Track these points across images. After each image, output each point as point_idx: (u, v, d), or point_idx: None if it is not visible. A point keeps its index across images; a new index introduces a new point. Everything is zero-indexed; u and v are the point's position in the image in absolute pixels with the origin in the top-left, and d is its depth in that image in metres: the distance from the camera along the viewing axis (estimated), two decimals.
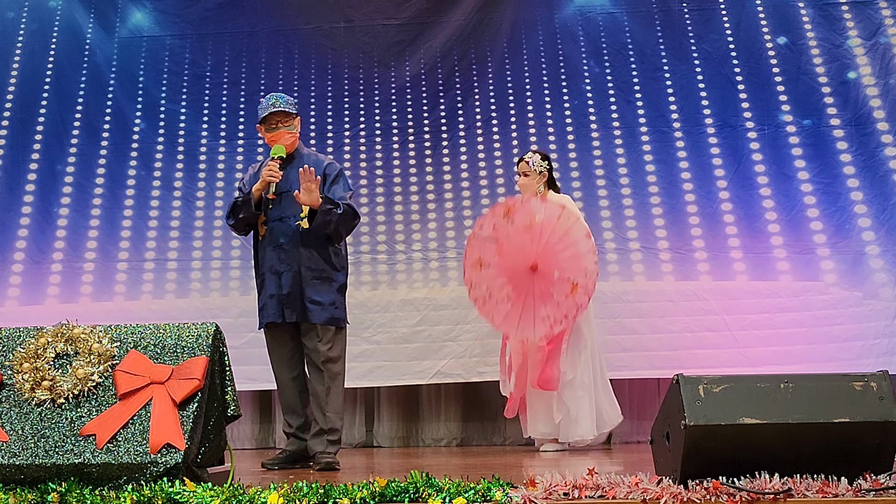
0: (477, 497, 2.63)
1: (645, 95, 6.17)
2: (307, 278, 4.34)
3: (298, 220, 4.35)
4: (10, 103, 6.38)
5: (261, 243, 4.48)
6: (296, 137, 4.52)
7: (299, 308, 4.35)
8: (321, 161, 4.50)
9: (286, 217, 4.38)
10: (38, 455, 2.96)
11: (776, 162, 5.99)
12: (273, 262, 4.40)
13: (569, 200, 5.27)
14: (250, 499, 2.69)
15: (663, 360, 5.64)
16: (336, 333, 4.41)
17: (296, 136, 4.51)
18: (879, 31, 6.07)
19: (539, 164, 5.30)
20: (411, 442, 5.95)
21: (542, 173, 5.31)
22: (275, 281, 4.38)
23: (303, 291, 4.34)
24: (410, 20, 6.23)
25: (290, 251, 4.36)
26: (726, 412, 2.72)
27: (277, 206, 4.40)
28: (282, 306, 4.37)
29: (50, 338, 3.14)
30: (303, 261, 4.35)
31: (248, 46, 6.44)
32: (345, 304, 4.50)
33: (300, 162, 4.42)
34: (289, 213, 4.38)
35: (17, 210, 6.18)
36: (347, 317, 4.54)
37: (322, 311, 4.35)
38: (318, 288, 4.35)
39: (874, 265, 5.75)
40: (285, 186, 4.40)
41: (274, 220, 4.41)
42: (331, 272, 4.40)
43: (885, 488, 2.59)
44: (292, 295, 4.34)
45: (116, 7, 6.49)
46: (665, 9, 6.27)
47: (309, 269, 4.35)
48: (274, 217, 4.40)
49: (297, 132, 4.54)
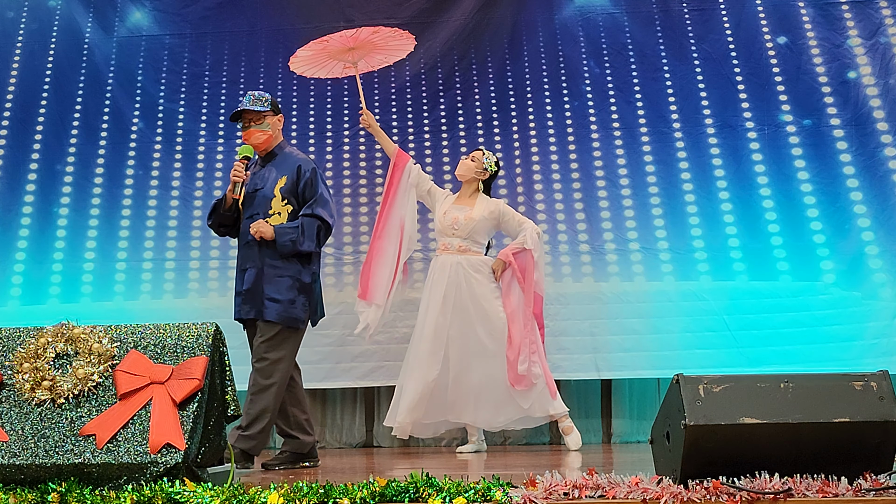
0: (477, 497, 2.63)
1: (645, 96, 6.17)
2: (269, 276, 4.32)
3: (267, 217, 4.36)
4: (10, 103, 6.38)
5: (238, 243, 4.53)
6: (270, 136, 4.49)
7: (258, 305, 4.32)
8: (296, 160, 4.47)
9: (255, 215, 4.39)
10: (38, 455, 2.96)
11: (776, 162, 5.99)
12: (241, 260, 4.43)
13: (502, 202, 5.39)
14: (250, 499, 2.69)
15: (663, 360, 5.64)
16: (282, 334, 4.33)
17: (269, 134, 4.48)
18: (879, 31, 6.07)
19: (489, 163, 5.35)
20: (411, 442, 5.95)
21: (486, 171, 5.36)
22: (241, 278, 4.40)
23: (263, 289, 4.32)
24: (410, 20, 6.22)
25: (255, 248, 4.35)
26: (726, 412, 2.72)
27: (250, 206, 4.41)
28: (242, 302, 4.37)
29: (50, 338, 3.14)
30: (266, 258, 4.33)
31: (248, 46, 6.44)
32: (310, 305, 4.42)
33: (280, 161, 4.44)
34: (258, 210, 4.38)
35: (18, 210, 6.18)
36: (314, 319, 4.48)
37: (276, 307, 4.30)
38: (278, 285, 4.32)
39: (874, 265, 5.75)
40: (260, 184, 4.41)
41: (245, 218, 4.43)
42: (294, 271, 4.36)
43: (885, 488, 2.59)
44: (252, 291, 4.33)
45: (115, 6, 6.48)
46: (665, 9, 6.27)
47: (271, 267, 4.33)
48: (245, 216, 4.43)
49: (273, 130, 4.50)
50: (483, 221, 5.28)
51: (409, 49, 5.61)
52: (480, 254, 5.34)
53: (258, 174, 4.49)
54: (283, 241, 4.30)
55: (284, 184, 4.40)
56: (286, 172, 4.42)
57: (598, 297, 5.84)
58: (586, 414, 5.91)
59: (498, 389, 5.17)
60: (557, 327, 5.70)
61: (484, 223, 5.29)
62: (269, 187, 4.40)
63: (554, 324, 5.67)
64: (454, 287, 5.22)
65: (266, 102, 4.48)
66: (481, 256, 5.33)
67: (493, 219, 5.30)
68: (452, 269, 5.24)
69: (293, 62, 5.47)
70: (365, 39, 5.34)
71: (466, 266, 5.25)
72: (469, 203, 5.34)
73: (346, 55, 5.42)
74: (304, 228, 4.33)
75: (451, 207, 5.33)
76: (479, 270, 5.26)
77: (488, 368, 5.18)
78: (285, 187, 4.39)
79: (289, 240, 4.30)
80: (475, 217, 5.27)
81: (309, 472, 4.14)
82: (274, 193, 4.39)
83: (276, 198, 4.39)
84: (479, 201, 5.34)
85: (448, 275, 5.24)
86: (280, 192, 4.39)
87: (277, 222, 4.34)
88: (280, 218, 4.36)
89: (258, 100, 4.46)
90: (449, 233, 5.29)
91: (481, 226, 5.28)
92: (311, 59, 5.45)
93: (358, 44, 5.34)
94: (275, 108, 4.53)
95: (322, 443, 6.03)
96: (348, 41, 5.32)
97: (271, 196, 4.39)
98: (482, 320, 5.20)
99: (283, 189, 4.39)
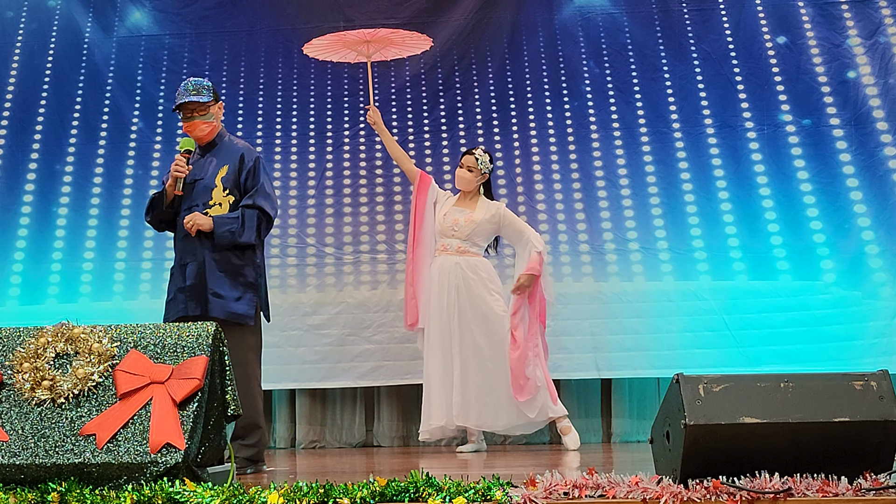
0: (477, 497, 2.62)
1: (644, 96, 6.17)
2: (211, 269, 4.15)
3: (207, 208, 4.20)
4: (9, 103, 6.37)
5: (175, 237, 4.33)
6: (214, 126, 4.32)
7: (203, 301, 4.16)
8: (238, 149, 4.31)
9: (194, 206, 4.21)
10: (38, 455, 2.96)
11: (776, 162, 5.99)
12: (182, 254, 4.24)
13: (503, 206, 5.38)
14: (250, 499, 2.69)
15: (663, 360, 5.64)
16: (233, 333, 3.94)
17: (213, 125, 4.31)
18: (879, 31, 6.07)
19: (485, 164, 5.34)
20: (411, 442, 5.95)
21: (485, 174, 5.35)
22: (181, 273, 4.22)
23: (206, 283, 4.15)
24: (410, 20, 6.22)
25: (196, 241, 4.17)
26: (726, 411, 2.72)
27: (189, 197, 4.23)
28: (187, 299, 4.19)
29: (50, 338, 3.14)
30: (207, 251, 4.17)
31: (248, 46, 6.43)
32: (258, 301, 4.26)
33: (221, 150, 4.29)
34: (197, 201, 4.21)
35: (17, 210, 6.18)
36: (262, 317, 4.33)
37: (222, 304, 4.15)
38: (222, 281, 4.16)
39: (874, 265, 5.76)
40: (200, 174, 4.25)
41: (184, 208, 4.24)
42: (239, 266, 4.20)
43: (885, 487, 2.58)
44: (196, 287, 4.16)
45: (115, 6, 6.48)
46: (665, 9, 6.27)
47: (214, 261, 4.17)
48: (184, 206, 4.25)
49: (216, 120, 4.34)
50: (484, 224, 5.28)
51: (424, 48, 5.79)
52: (479, 255, 5.34)
53: (197, 163, 4.29)
54: (222, 233, 4.12)
55: (226, 173, 4.23)
56: (228, 161, 4.26)
57: (598, 296, 5.83)
58: (586, 413, 5.90)
59: (497, 393, 5.17)
60: (558, 327, 5.70)
61: (485, 226, 5.29)
62: (209, 177, 4.22)
63: (554, 323, 5.67)
64: (454, 289, 5.23)
65: (209, 91, 4.28)
66: (480, 258, 5.34)
67: (494, 222, 5.30)
68: (451, 270, 5.24)
69: (308, 47, 5.67)
70: (383, 36, 5.48)
71: (465, 267, 5.25)
72: (470, 206, 5.34)
73: (361, 47, 5.53)
74: (244, 220, 4.14)
75: (451, 209, 5.34)
76: (477, 271, 5.26)
77: (487, 370, 5.18)
78: (227, 177, 4.23)
79: (227, 231, 4.12)
80: (476, 220, 5.27)
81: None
82: (215, 183, 4.22)
83: (217, 188, 4.21)
84: (480, 204, 5.35)
85: (447, 276, 5.24)
86: (222, 181, 4.22)
87: (218, 213, 4.17)
88: (221, 209, 4.19)
89: (201, 88, 4.25)
90: (449, 234, 5.30)
91: (482, 228, 5.29)
92: (326, 46, 5.61)
93: (375, 38, 5.47)
94: (216, 95, 4.36)
95: (322, 443, 6.03)
96: (366, 35, 5.45)
97: (212, 186, 4.22)
98: (480, 321, 5.20)
99: (224, 179, 4.22)
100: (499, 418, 5.20)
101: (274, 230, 6.07)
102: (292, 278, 6.00)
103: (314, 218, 6.12)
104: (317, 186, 6.19)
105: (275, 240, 6.05)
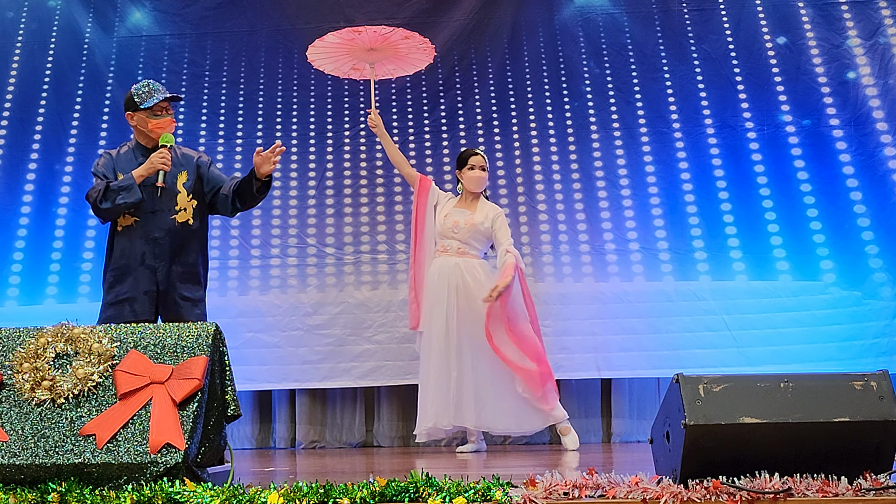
0: (477, 497, 2.62)
1: (645, 96, 6.18)
2: (177, 274, 4.21)
3: (174, 213, 4.20)
4: (9, 103, 6.38)
5: (120, 234, 4.23)
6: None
7: (172, 305, 4.21)
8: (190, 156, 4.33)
9: (160, 210, 4.19)
10: (38, 455, 2.96)
11: (776, 162, 5.99)
12: (147, 257, 4.19)
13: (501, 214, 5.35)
14: (250, 499, 2.69)
15: (663, 360, 5.65)
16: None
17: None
18: (879, 31, 6.07)
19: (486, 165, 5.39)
20: (411, 442, 5.94)
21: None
22: (149, 276, 4.18)
23: (176, 288, 4.21)
24: (410, 20, 6.22)
25: (166, 246, 4.18)
26: (726, 412, 2.72)
27: (152, 199, 4.18)
28: (156, 304, 4.21)
29: (50, 338, 3.14)
30: (176, 257, 4.21)
31: (248, 46, 6.44)
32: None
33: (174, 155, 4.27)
34: (164, 206, 4.20)
35: (17, 210, 6.18)
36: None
37: (192, 307, 4.25)
38: (189, 285, 4.25)
39: (873, 265, 5.76)
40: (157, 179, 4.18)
41: (147, 211, 4.19)
42: (201, 271, 4.31)
43: (885, 488, 2.59)
44: (167, 292, 4.20)
45: (115, 6, 6.48)
46: (665, 9, 6.27)
47: (180, 265, 4.23)
48: (147, 209, 4.19)
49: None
50: (483, 226, 5.28)
51: (428, 61, 5.66)
52: (478, 257, 5.34)
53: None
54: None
55: (186, 179, 4.25)
56: (185, 167, 4.27)
57: (599, 296, 5.84)
58: (586, 413, 5.90)
59: (496, 393, 5.17)
60: (558, 327, 5.70)
61: (484, 228, 5.29)
62: (171, 184, 4.21)
63: (555, 323, 5.68)
64: (453, 289, 5.23)
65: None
66: (479, 259, 5.34)
67: (488, 225, 5.30)
68: (450, 271, 5.25)
69: (311, 51, 5.52)
70: (393, 42, 5.37)
71: (464, 268, 5.25)
72: (471, 207, 5.34)
73: (364, 55, 5.44)
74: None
75: (452, 210, 5.34)
76: (476, 272, 5.26)
77: (485, 371, 5.18)
78: (188, 183, 4.25)
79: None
80: (476, 222, 5.28)
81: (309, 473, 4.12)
82: (178, 189, 4.23)
83: (181, 193, 4.23)
84: (480, 206, 5.35)
85: (447, 277, 5.24)
86: (185, 187, 4.24)
87: (185, 218, 4.21)
88: (186, 214, 4.22)
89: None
90: (449, 235, 5.30)
91: (481, 231, 5.29)
92: (330, 53, 5.48)
93: (383, 45, 5.36)
94: None
95: (322, 443, 6.03)
96: (377, 39, 5.33)
97: (176, 192, 4.22)
98: (479, 322, 5.20)
99: (186, 185, 4.24)
100: (497, 419, 5.20)
101: (275, 230, 6.09)
102: (293, 278, 6.00)
103: (315, 218, 6.13)
104: (317, 187, 6.19)
105: (275, 240, 6.06)
